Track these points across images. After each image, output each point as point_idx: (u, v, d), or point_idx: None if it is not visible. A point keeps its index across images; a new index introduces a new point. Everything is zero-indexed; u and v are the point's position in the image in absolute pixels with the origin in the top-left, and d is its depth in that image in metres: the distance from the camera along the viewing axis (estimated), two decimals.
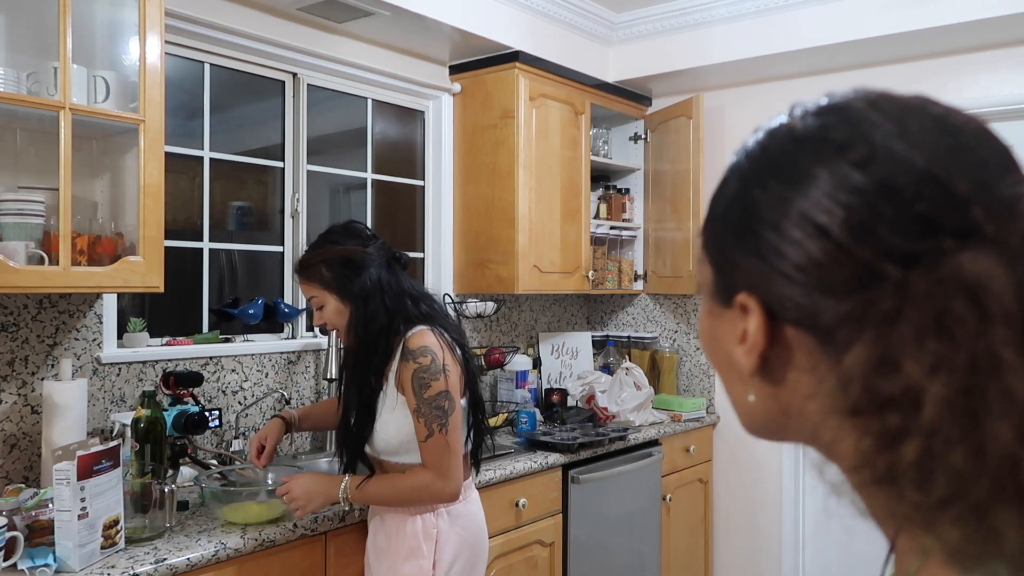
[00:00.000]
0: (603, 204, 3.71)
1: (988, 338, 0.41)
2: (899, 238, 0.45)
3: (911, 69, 3.18)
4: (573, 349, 3.83)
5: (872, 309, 0.45)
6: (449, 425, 1.85)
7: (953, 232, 0.45)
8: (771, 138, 0.54)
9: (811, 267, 0.48)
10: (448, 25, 2.87)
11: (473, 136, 3.27)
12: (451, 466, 1.86)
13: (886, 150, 0.48)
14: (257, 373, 2.63)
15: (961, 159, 0.47)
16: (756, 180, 0.53)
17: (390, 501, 1.93)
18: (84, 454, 1.69)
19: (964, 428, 0.41)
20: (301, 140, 2.85)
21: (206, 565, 1.80)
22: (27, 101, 1.83)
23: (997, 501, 0.41)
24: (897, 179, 0.46)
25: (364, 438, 1.94)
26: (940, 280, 0.43)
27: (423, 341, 1.87)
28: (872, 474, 0.46)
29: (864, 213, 0.47)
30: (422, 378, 1.85)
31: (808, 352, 0.50)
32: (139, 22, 1.99)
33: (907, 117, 0.49)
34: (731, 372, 0.56)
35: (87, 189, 2.11)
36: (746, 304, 0.52)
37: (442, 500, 1.90)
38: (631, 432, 3.14)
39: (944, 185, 0.46)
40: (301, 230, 2.85)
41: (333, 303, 1.94)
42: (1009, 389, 0.40)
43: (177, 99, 2.52)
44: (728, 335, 0.55)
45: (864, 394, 0.45)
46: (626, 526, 3.07)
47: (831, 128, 0.51)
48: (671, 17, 3.41)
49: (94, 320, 2.25)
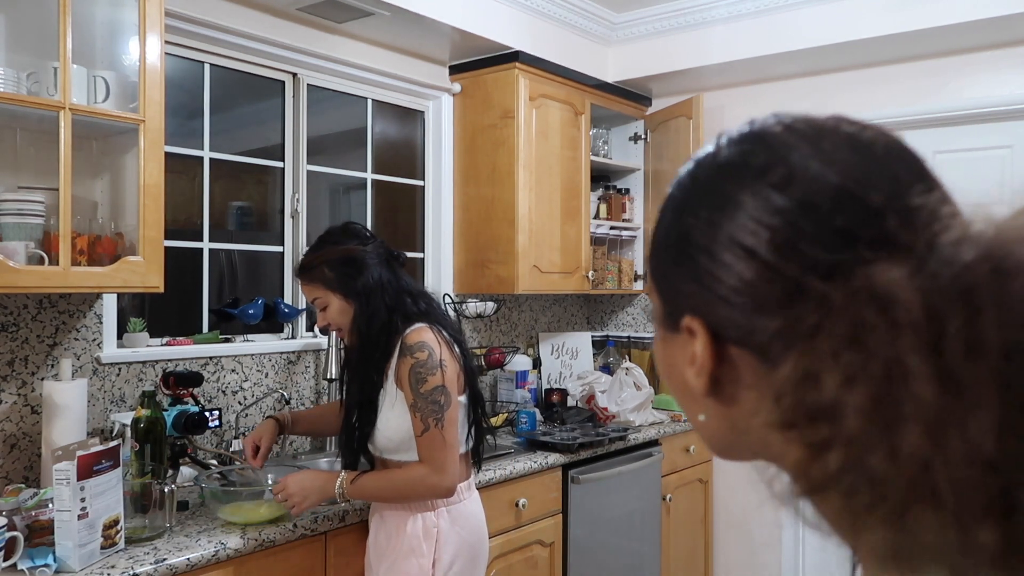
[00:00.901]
0: (603, 204, 3.71)
1: (897, 346, 0.42)
2: (821, 252, 0.48)
3: (911, 69, 3.18)
4: (573, 349, 3.83)
5: (799, 324, 0.47)
6: (445, 420, 1.86)
7: (870, 243, 0.47)
8: (699, 167, 0.57)
9: (744, 288, 0.51)
10: (448, 25, 2.87)
11: (473, 136, 3.27)
12: (446, 461, 1.86)
13: (803, 170, 0.50)
14: (257, 373, 2.63)
15: (873, 173, 0.50)
16: (688, 209, 0.56)
17: (386, 496, 1.93)
18: (84, 454, 1.69)
19: (880, 435, 0.43)
20: (301, 140, 2.85)
21: (206, 565, 1.80)
22: (27, 101, 1.83)
23: (913, 503, 0.42)
24: (814, 196, 0.49)
25: (366, 435, 1.95)
26: (854, 291, 0.45)
27: (420, 337, 1.89)
28: (808, 485, 0.47)
29: (787, 232, 0.49)
30: (419, 373, 1.86)
31: (752, 370, 0.52)
32: (139, 22, 1.99)
33: (821, 137, 0.52)
34: (687, 395, 0.58)
35: (87, 189, 2.11)
36: (691, 327, 0.54)
37: (437, 495, 1.90)
38: (631, 432, 3.14)
39: (858, 198, 0.48)
40: (301, 230, 2.85)
41: (337, 303, 1.95)
42: (916, 395, 0.42)
43: (177, 99, 2.52)
44: (680, 359, 0.57)
45: (793, 408, 0.46)
46: (626, 526, 3.07)
47: (751, 154, 0.53)
48: (671, 17, 3.41)
49: (94, 320, 2.25)
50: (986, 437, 0.40)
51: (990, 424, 0.40)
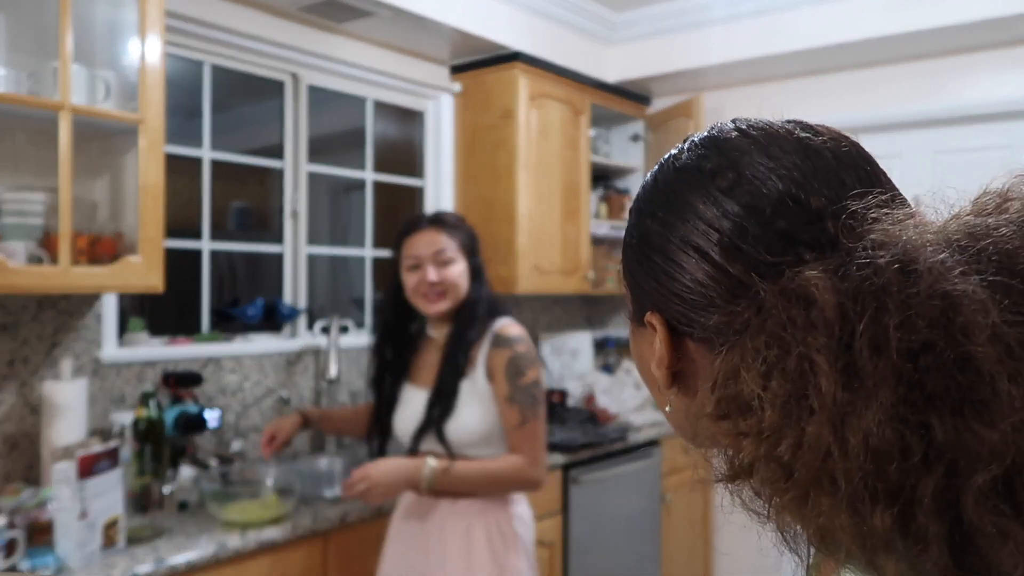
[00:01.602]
0: (603, 204, 3.71)
1: (809, 343, 0.45)
2: (764, 253, 0.51)
3: (911, 69, 3.18)
4: (573, 349, 3.83)
5: (734, 320, 0.50)
6: (541, 415, 1.86)
7: (809, 244, 0.50)
8: (660, 171, 0.60)
9: (695, 286, 0.54)
10: (448, 25, 2.87)
11: (473, 136, 3.27)
12: (540, 455, 1.85)
13: (750, 175, 0.53)
14: (257, 373, 2.63)
15: (818, 178, 0.52)
16: (648, 211, 0.59)
17: (477, 485, 1.84)
18: (84, 454, 1.69)
19: (789, 426, 0.45)
20: (301, 140, 2.85)
21: (206, 565, 1.80)
22: (27, 101, 1.83)
23: (813, 490, 0.44)
24: (759, 201, 0.52)
25: (442, 423, 1.87)
26: (782, 291, 0.48)
27: (518, 331, 1.91)
28: (731, 472, 0.51)
29: (734, 234, 0.52)
30: (518, 365, 1.85)
31: (708, 363, 0.55)
32: (139, 22, 1.99)
33: (772, 143, 0.55)
34: (654, 387, 0.62)
35: (87, 189, 2.11)
36: (652, 322, 0.58)
37: (529, 488, 1.88)
38: (631, 432, 3.14)
39: (800, 202, 0.51)
40: (301, 230, 2.85)
41: (463, 266, 1.94)
42: (821, 389, 0.44)
43: (177, 99, 2.52)
44: (647, 352, 0.61)
45: (723, 400, 0.49)
46: (626, 526, 3.07)
47: (705, 158, 0.56)
48: (671, 17, 3.41)
49: (94, 320, 2.25)
50: (881, 429, 0.42)
51: (885, 417, 0.42)
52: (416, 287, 1.92)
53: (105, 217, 2.11)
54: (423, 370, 1.99)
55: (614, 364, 3.76)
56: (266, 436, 2.10)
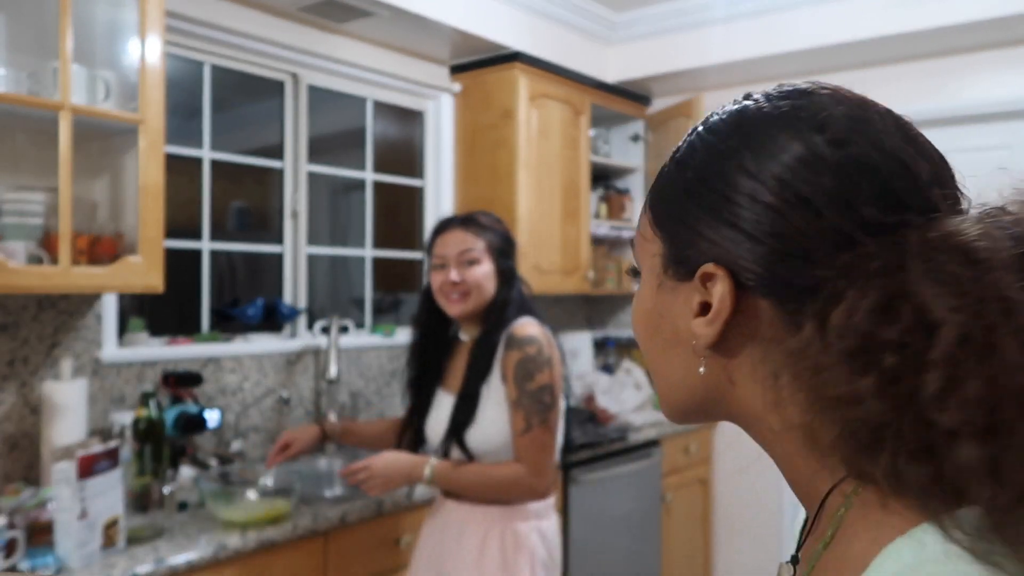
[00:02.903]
0: (603, 204, 3.71)
1: (990, 281, 0.45)
2: (874, 211, 0.50)
3: (911, 69, 3.18)
4: (573, 349, 3.83)
5: (856, 268, 0.49)
6: (548, 421, 1.78)
7: (917, 209, 0.50)
8: (741, 116, 0.57)
9: (795, 236, 0.52)
10: (448, 25, 2.87)
11: (473, 136, 3.27)
12: (544, 464, 1.78)
13: (859, 133, 0.53)
14: (257, 373, 2.63)
15: (915, 146, 0.53)
16: (729, 154, 0.56)
17: (475, 490, 1.81)
18: (84, 454, 1.69)
19: (978, 360, 0.45)
20: (301, 140, 2.85)
21: (206, 565, 1.80)
22: (27, 101, 1.83)
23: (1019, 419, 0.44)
24: (872, 158, 0.52)
25: (463, 429, 1.83)
26: (936, 238, 0.48)
27: (530, 331, 1.82)
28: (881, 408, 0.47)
29: (845, 187, 0.51)
30: (527, 368, 1.77)
31: (769, 319, 0.53)
32: (139, 22, 1.99)
33: (866, 105, 0.55)
34: (675, 349, 0.59)
35: (87, 189, 2.11)
36: (713, 274, 0.54)
37: (531, 498, 1.81)
38: (631, 432, 3.14)
39: (909, 168, 0.52)
40: (301, 230, 2.85)
41: (489, 267, 1.88)
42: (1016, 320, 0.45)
43: (177, 99, 2.52)
44: (680, 309, 0.57)
45: (863, 341, 0.48)
46: (626, 526, 3.07)
47: (804, 108, 0.55)
48: (671, 17, 3.41)
49: (94, 320, 2.25)
50: None
51: None
52: (440, 287, 1.89)
53: (105, 217, 2.11)
54: (453, 375, 1.95)
55: (614, 364, 3.76)
56: (280, 443, 2.06)
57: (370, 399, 2.98)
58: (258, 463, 2.43)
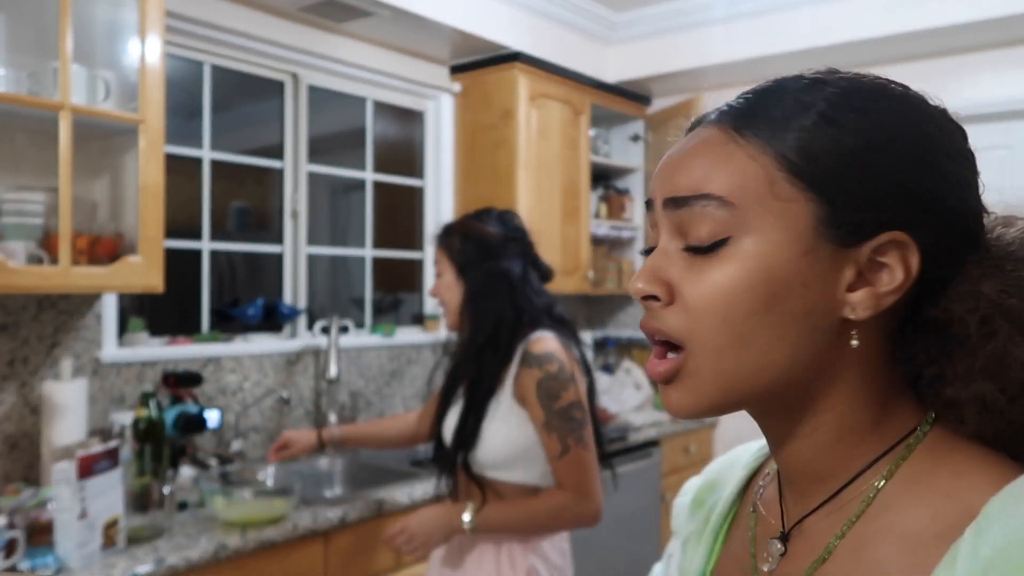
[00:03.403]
0: (603, 204, 3.71)
1: None
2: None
3: (911, 69, 3.17)
4: None
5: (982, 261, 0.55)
6: (585, 438, 1.68)
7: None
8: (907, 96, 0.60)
9: (972, 215, 0.55)
10: (448, 25, 2.87)
11: (473, 136, 3.27)
12: (592, 483, 1.68)
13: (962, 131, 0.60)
14: (257, 373, 2.63)
15: None
16: (928, 120, 0.56)
17: (524, 528, 1.69)
18: (84, 454, 1.69)
19: None
20: (301, 140, 2.85)
21: (206, 565, 1.80)
22: (27, 101, 1.83)
23: None
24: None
25: (470, 445, 1.73)
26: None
27: (547, 347, 1.70)
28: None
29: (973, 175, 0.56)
30: (550, 387, 1.67)
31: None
32: (139, 22, 1.99)
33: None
34: (798, 322, 0.53)
35: (87, 189, 2.11)
36: (902, 241, 0.52)
37: (585, 523, 1.70)
38: (631, 432, 3.14)
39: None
40: (301, 230, 2.85)
41: (449, 277, 1.80)
42: None
43: (177, 99, 2.52)
44: (829, 276, 0.53)
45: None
46: (626, 526, 3.07)
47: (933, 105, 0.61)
48: (671, 17, 3.41)
49: (94, 320, 2.25)
50: None
51: None
52: None
53: (105, 217, 2.11)
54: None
55: (614, 364, 3.76)
56: (280, 442, 2.07)
57: (370, 399, 2.98)
58: (258, 463, 2.43)
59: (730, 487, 0.72)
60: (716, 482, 0.76)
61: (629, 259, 3.85)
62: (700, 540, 0.71)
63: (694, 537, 0.73)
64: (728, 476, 0.74)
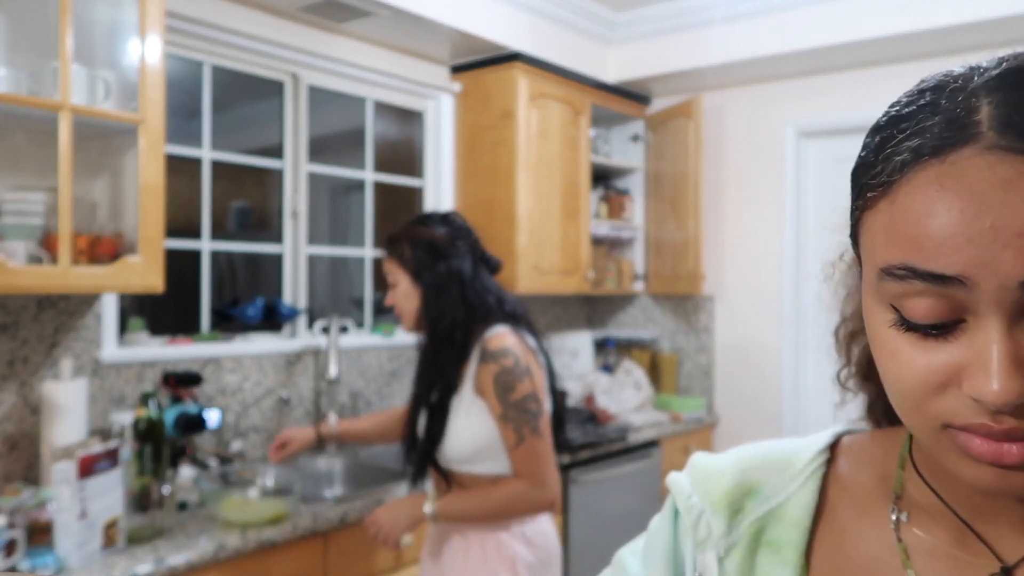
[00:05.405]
0: (603, 204, 3.71)
1: None
2: None
3: (911, 69, 3.17)
4: (573, 349, 3.83)
5: None
6: (540, 429, 1.74)
7: None
8: None
9: None
10: (448, 25, 2.87)
11: (473, 136, 3.27)
12: (546, 472, 1.74)
13: None
14: (257, 373, 2.63)
15: None
16: None
17: (482, 516, 1.76)
18: (84, 454, 1.69)
19: None
20: (301, 140, 2.85)
21: (206, 565, 1.80)
22: (27, 101, 1.83)
23: None
24: None
25: (436, 443, 1.81)
26: None
27: (503, 343, 1.76)
28: None
29: None
30: (506, 381, 1.74)
31: None
32: (139, 22, 1.99)
33: None
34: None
35: (87, 189, 2.11)
36: None
37: (539, 510, 1.77)
38: (631, 432, 3.14)
39: None
40: (301, 230, 2.85)
41: (405, 285, 1.85)
42: None
43: (177, 99, 2.52)
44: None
45: None
46: (626, 526, 3.07)
47: None
48: (671, 17, 3.41)
49: (94, 320, 2.25)
50: None
51: None
52: None
53: (105, 217, 2.11)
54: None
55: (614, 364, 3.76)
56: (278, 441, 2.12)
57: (370, 399, 2.98)
58: (258, 463, 2.43)
59: (793, 501, 0.62)
60: (753, 486, 0.65)
61: (629, 259, 3.85)
62: (772, 561, 0.61)
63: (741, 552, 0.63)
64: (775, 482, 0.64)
